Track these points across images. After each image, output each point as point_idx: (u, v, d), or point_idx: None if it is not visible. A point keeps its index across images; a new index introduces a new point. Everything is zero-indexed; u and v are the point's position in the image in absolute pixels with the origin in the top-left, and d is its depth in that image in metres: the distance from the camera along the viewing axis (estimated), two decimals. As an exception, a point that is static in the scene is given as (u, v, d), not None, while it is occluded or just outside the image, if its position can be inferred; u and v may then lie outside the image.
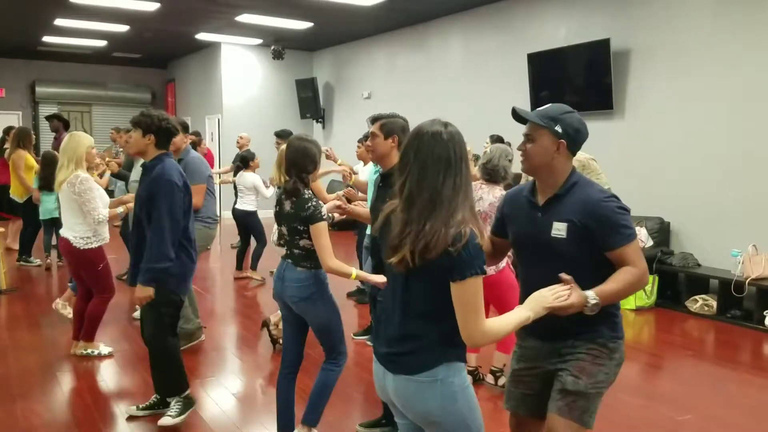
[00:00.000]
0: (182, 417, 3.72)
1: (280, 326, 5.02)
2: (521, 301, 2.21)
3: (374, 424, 3.71)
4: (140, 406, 3.90)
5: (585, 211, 2.22)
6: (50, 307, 5.92)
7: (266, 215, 6.62)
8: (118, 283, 5.93)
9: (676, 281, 6.86)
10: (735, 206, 6.59)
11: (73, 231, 4.60)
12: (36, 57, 14.93)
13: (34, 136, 8.45)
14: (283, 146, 4.85)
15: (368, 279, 3.21)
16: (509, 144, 6.95)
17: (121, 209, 4.78)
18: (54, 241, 7.82)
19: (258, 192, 7.62)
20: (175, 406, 3.74)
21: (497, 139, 7.18)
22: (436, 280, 1.89)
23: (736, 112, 6.57)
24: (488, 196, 4.17)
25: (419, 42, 11.22)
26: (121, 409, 4.03)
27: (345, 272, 3.16)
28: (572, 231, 2.23)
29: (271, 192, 7.60)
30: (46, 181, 7.43)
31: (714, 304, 6.32)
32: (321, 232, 3.12)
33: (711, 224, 6.81)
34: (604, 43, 7.62)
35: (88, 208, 4.51)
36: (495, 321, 1.95)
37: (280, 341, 4.99)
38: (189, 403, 3.81)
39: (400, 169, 1.98)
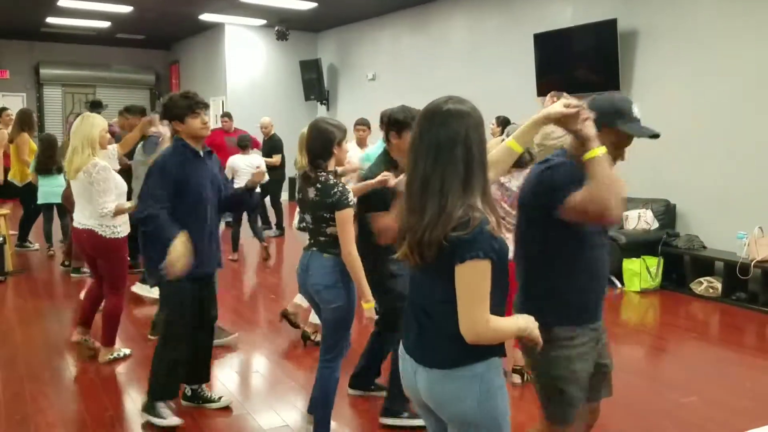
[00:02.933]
0: (150, 417, 3.54)
1: (311, 327, 4.84)
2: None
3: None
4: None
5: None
6: (55, 289, 5.95)
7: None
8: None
9: (681, 263, 6.85)
10: (741, 188, 6.55)
11: (97, 220, 4.32)
12: (40, 38, 14.88)
13: (36, 118, 8.36)
14: (304, 129, 4.74)
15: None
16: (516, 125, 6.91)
17: (128, 205, 4.42)
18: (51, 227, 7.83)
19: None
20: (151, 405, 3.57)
21: (503, 121, 7.14)
22: (450, 266, 1.75)
23: (743, 93, 6.52)
24: (516, 181, 3.93)
25: (424, 23, 11.14)
26: (130, 394, 4.06)
27: (357, 274, 3.00)
28: None
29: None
30: (45, 165, 7.40)
31: (719, 286, 6.32)
32: (347, 219, 2.99)
33: (717, 206, 6.78)
34: (611, 24, 7.54)
35: (96, 199, 4.24)
36: (500, 320, 1.80)
37: (306, 328, 4.85)
38: (155, 411, 3.55)
39: (415, 158, 1.83)
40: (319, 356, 3.23)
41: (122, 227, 4.43)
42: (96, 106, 8.47)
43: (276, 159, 9.20)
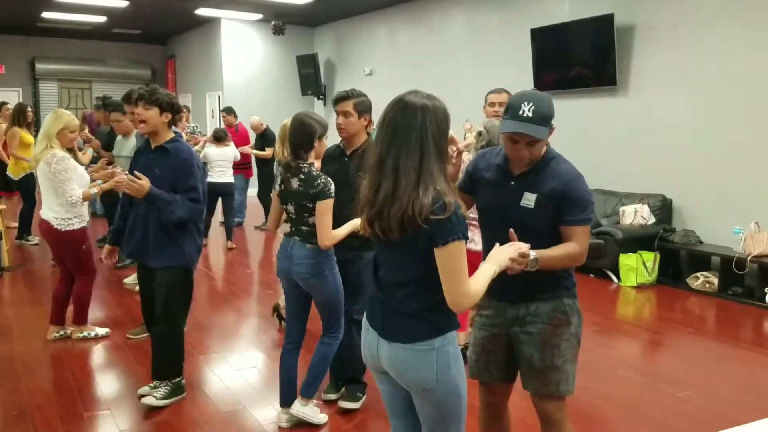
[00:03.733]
0: (168, 401, 3.68)
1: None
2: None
3: (335, 389, 3.83)
4: (158, 395, 3.73)
5: (558, 184, 2.34)
6: (52, 285, 5.94)
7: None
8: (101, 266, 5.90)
9: (678, 258, 6.86)
10: (737, 183, 6.56)
11: (53, 212, 4.47)
12: (35, 33, 14.82)
13: (31, 113, 8.33)
14: (285, 121, 4.89)
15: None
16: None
17: (94, 189, 4.57)
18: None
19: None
20: (162, 388, 3.70)
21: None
22: (421, 248, 1.92)
23: (740, 89, 6.52)
24: None
25: (421, 17, 11.12)
26: (128, 389, 4.06)
27: (343, 234, 3.23)
28: (539, 202, 2.35)
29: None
30: None
31: (715, 281, 6.33)
32: (326, 209, 3.16)
33: (713, 201, 6.79)
34: (608, 19, 7.53)
35: (62, 189, 4.37)
36: (472, 281, 1.96)
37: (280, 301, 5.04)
38: (179, 390, 3.78)
39: (376, 140, 2.00)
40: (321, 335, 3.45)
41: (77, 219, 4.50)
42: (108, 105, 8.19)
43: (268, 152, 9.23)
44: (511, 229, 2.20)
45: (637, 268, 6.54)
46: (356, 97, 3.41)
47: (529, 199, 2.36)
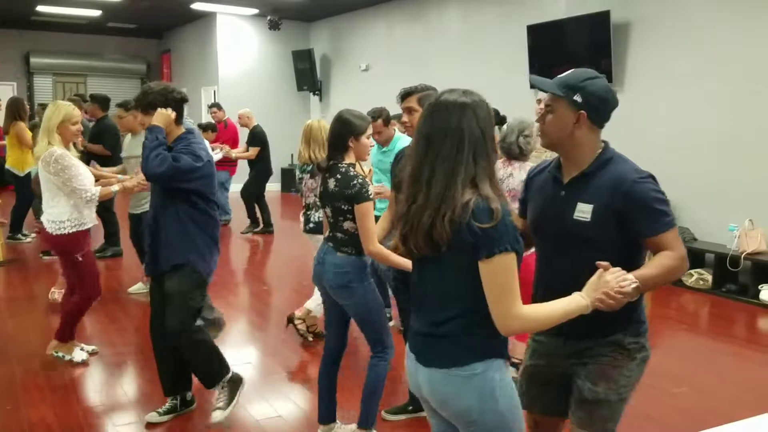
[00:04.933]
0: (233, 404, 3.41)
1: (307, 320, 4.74)
2: (535, 295, 2.09)
3: (401, 411, 3.58)
4: (161, 410, 3.53)
5: (616, 192, 1.99)
6: (46, 279, 5.93)
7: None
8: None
9: (673, 255, 6.87)
10: (732, 181, 6.58)
11: (47, 213, 4.08)
12: (30, 27, 14.73)
13: (28, 107, 8.19)
14: (309, 121, 4.54)
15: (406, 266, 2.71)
16: (504, 118, 6.90)
17: (116, 187, 4.17)
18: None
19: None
20: (221, 395, 3.41)
21: (494, 114, 7.11)
22: (464, 263, 1.73)
23: (735, 86, 6.53)
24: (519, 173, 3.82)
25: (417, 13, 11.10)
26: (123, 386, 4.06)
27: (393, 261, 2.88)
28: (598, 214, 2.00)
29: (218, 156, 7.90)
30: None
31: (709, 278, 6.35)
32: (366, 212, 2.90)
33: (707, 199, 6.81)
34: (604, 15, 7.54)
35: (72, 187, 3.96)
36: (537, 307, 1.77)
37: (309, 337, 4.72)
38: (236, 385, 3.45)
39: (411, 149, 1.82)
40: (369, 358, 3.18)
41: (69, 223, 4.04)
42: (94, 99, 7.89)
43: (252, 152, 8.74)
44: (605, 263, 1.84)
45: (631, 264, 6.54)
46: (420, 92, 3.16)
47: (583, 211, 2.02)
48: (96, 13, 13.20)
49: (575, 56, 8.06)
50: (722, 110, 6.64)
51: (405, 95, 3.24)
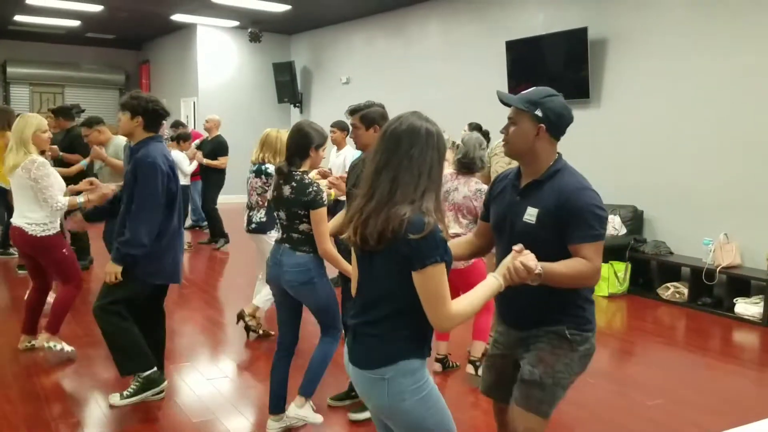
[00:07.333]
0: (132, 399, 3.62)
1: (257, 316, 5.09)
2: None
3: (344, 397, 3.82)
4: (124, 393, 3.67)
5: (559, 199, 2.21)
6: (18, 291, 5.83)
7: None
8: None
9: (648, 269, 6.95)
10: (707, 195, 6.67)
11: (26, 218, 4.30)
12: (7, 36, 14.59)
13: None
14: (267, 130, 4.92)
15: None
16: (487, 132, 6.97)
17: (81, 198, 4.27)
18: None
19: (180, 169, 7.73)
20: (132, 385, 3.65)
21: (476, 127, 7.17)
22: (394, 267, 1.88)
23: (709, 101, 6.64)
24: (464, 188, 4.16)
25: (398, 28, 11.17)
26: (96, 397, 4.00)
27: (342, 266, 3.29)
28: (541, 217, 2.23)
29: (192, 168, 8.22)
30: None
31: (685, 291, 6.42)
32: (321, 217, 3.20)
33: (683, 213, 6.90)
34: (582, 32, 7.65)
35: (45, 196, 4.22)
36: (461, 300, 1.92)
37: (259, 331, 5.08)
38: (148, 385, 3.65)
39: (375, 150, 1.97)
40: (320, 336, 3.47)
41: (52, 224, 4.36)
42: (55, 113, 7.66)
43: (223, 161, 8.63)
44: (518, 245, 2.07)
45: (608, 278, 6.61)
46: (362, 110, 3.43)
47: (531, 214, 2.25)
48: (75, 23, 13.12)
49: (553, 71, 8.17)
50: (697, 124, 6.75)
51: (351, 113, 3.50)
